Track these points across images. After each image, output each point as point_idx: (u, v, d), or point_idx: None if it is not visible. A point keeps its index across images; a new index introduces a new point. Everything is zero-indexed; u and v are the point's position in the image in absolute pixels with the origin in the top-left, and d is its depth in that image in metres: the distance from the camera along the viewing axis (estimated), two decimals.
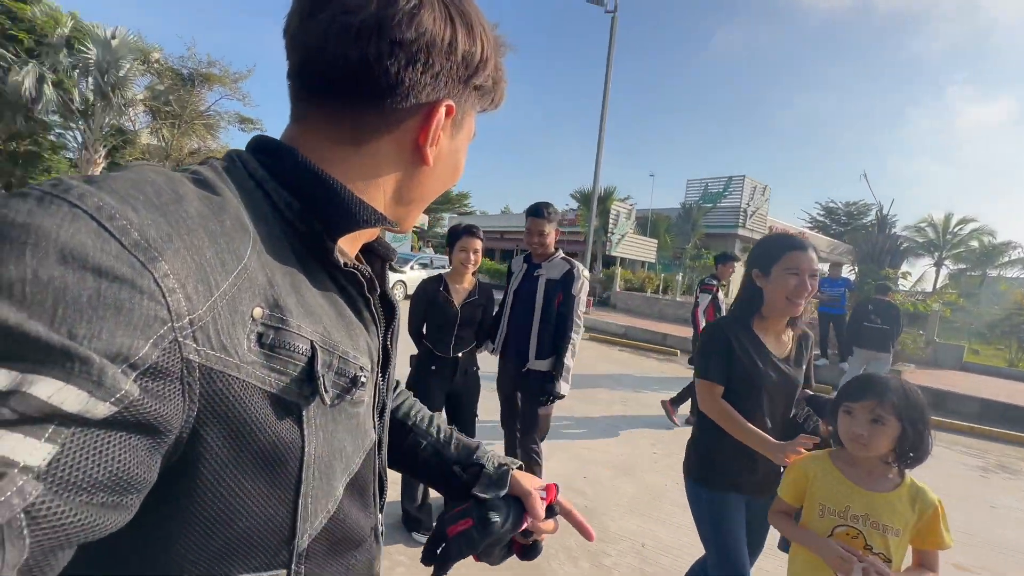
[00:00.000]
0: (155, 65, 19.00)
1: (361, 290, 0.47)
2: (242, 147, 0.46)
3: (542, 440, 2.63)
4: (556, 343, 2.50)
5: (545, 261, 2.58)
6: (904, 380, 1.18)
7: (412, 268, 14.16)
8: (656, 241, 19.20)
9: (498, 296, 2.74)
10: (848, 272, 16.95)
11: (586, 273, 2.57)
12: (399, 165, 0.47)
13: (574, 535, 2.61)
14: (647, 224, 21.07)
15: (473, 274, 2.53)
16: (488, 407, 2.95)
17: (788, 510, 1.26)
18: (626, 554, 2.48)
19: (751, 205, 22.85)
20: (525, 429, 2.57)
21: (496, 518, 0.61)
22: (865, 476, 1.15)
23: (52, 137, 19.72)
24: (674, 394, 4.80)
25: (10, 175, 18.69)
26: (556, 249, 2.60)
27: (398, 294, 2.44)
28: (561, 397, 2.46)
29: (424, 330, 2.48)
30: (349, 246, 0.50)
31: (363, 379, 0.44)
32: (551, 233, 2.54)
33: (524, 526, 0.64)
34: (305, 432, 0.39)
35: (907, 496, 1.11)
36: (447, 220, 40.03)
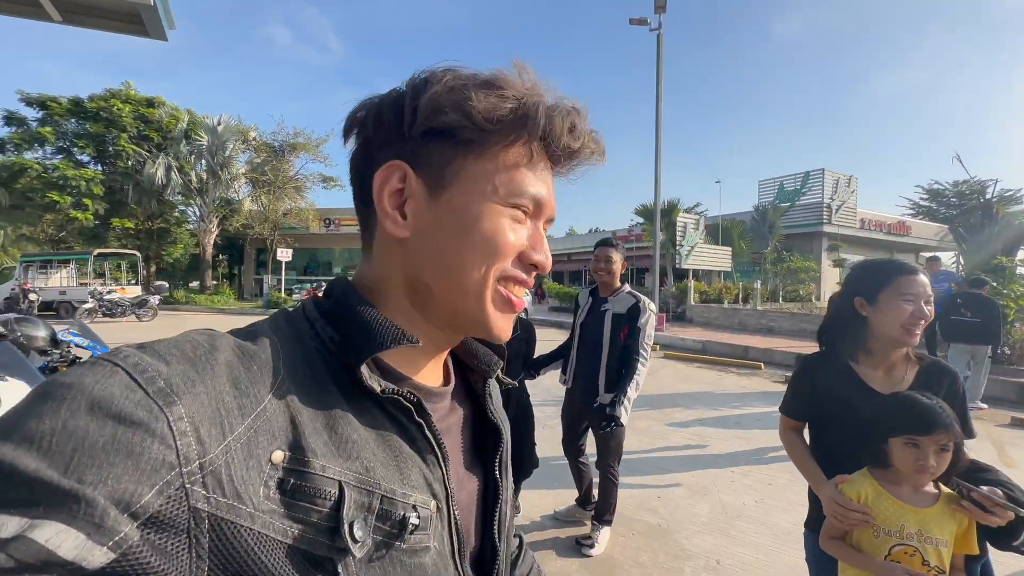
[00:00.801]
0: (252, 142, 22.01)
1: (410, 415, 0.43)
2: (325, 204, 0.57)
3: (618, 463, 2.77)
4: (621, 374, 2.58)
5: (611, 295, 2.68)
6: (944, 404, 1.19)
7: None
8: (730, 249, 18.34)
9: (548, 320, 2.96)
10: (952, 264, 15.09)
11: (652, 307, 2.66)
12: (391, 255, 0.46)
13: (647, 551, 2.72)
14: (718, 232, 20.21)
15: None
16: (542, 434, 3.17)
17: (839, 535, 1.28)
18: (700, 571, 2.55)
19: (835, 199, 21.15)
20: (601, 455, 2.74)
21: None
22: (911, 494, 1.19)
23: (176, 214, 23.21)
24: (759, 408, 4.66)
25: (148, 248, 22.19)
26: (622, 283, 2.73)
27: None
28: (620, 424, 2.52)
29: None
30: (417, 363, 0.47)
31: (415, 520, 0.39)
32: (618, 263, 2.66)
33: None
34: None
35: (947, 507, 1.15)
36: None
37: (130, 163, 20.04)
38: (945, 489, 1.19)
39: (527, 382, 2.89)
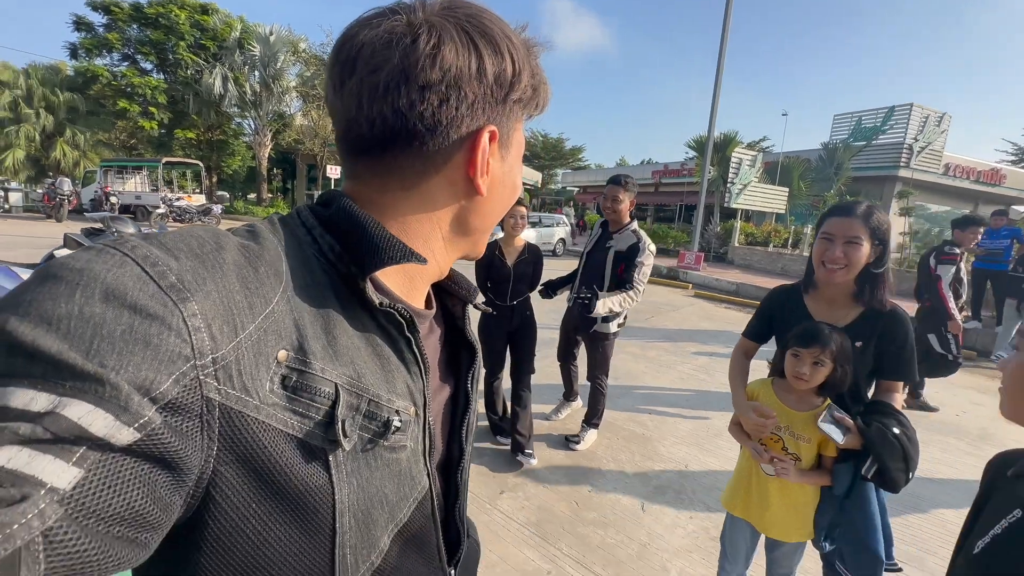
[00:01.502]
0: (302, 54, 21.83)
1: (401, 330, 0.46)
2: None
3: (605, 376, 3.12)
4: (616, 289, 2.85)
5: (617, 232, 2.88)
6: (838, 330, 1.41)
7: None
8: (787, 189, 17.27)
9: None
10: None
11: (652, 247, 2.83)
12: (453, 200, 0.47)
13: (625, 451, 3.11)
14: (776, 170, 18.92)
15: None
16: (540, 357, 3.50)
17: (739, 422, 1.61)
18: (668, 471, 2.93)
19: (920, 139, 19.04)
20: (590, 367, 3.11)
21: None
22: (795, 401, 1.47)
23: (233, 126, 24.01)
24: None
25: (208, 159, 23.35)
26: (631, 219, 2.90)
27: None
28: (589, 312, 2.63)
29: (488, 285, 3.02)
30: (409, 286, 0.50)
31: (397, 423, 0.43)
32: (625, 202, 2.82)
33: None
34: (334, 477, 0.38)
35: (814, 416, 1.40)
36: (560, 176, 39.97)
37: (189, 72, 20.56)
38: (828, 402, 1.44)
39: (541, 302, 3.19)
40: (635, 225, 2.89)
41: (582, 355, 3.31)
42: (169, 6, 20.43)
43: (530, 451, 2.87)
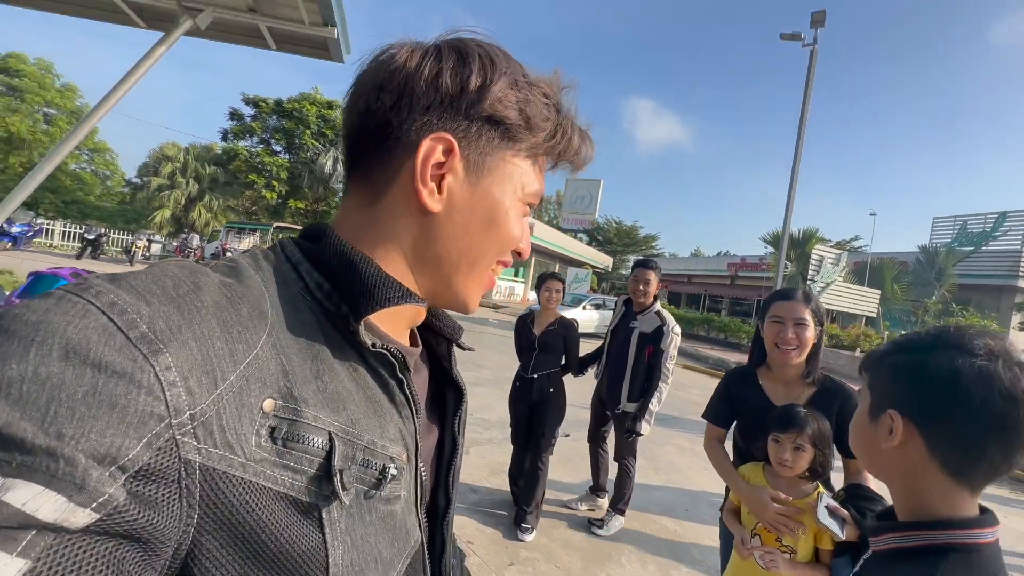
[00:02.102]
0: None
1: (393, 371, 0.43)
2: None
3: (633, 459, 3.02)
4: (644, 389, 2.86)
5: (641, 313, 2.93)
6: (814, 412, 1.38)
7: (585, 308, 14.94)
8: (879, 292, 15.98)
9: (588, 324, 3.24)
10: None
11: (676, 329, 2.85)
12: (410, 217, 0.44)
13: (653, 547, 2.89)
14: (865, 271, 17.69)
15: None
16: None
17: (734, 509, 1.54)
18: (696, 574, 2.67)
19: None
20: (619, 451, 3.04)
21: None
22: (785, 487, 1.40)
23: (337, 199, 27.40)
24: None
25: None
26: (654, 300, 2.97)
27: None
28: (641, 435, 2.84)
29: (519, 354, 3.06)
30: (394, 324, 0.48)
31: (393, 471, 0.40)
32: (654, 284, 2.93)
33: None
34: (328, 537, 0.35)
35: (808, 506, 1.32)
36: (632, 262, 39.98)
37: (309, 154, 24.30)
38: (821, 489, 1.39)
39: (574, 380, 3.19)
40: (658, 306, 2.95)
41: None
42: (303, 102, 24.74)
43: (528, 526, 2.78)
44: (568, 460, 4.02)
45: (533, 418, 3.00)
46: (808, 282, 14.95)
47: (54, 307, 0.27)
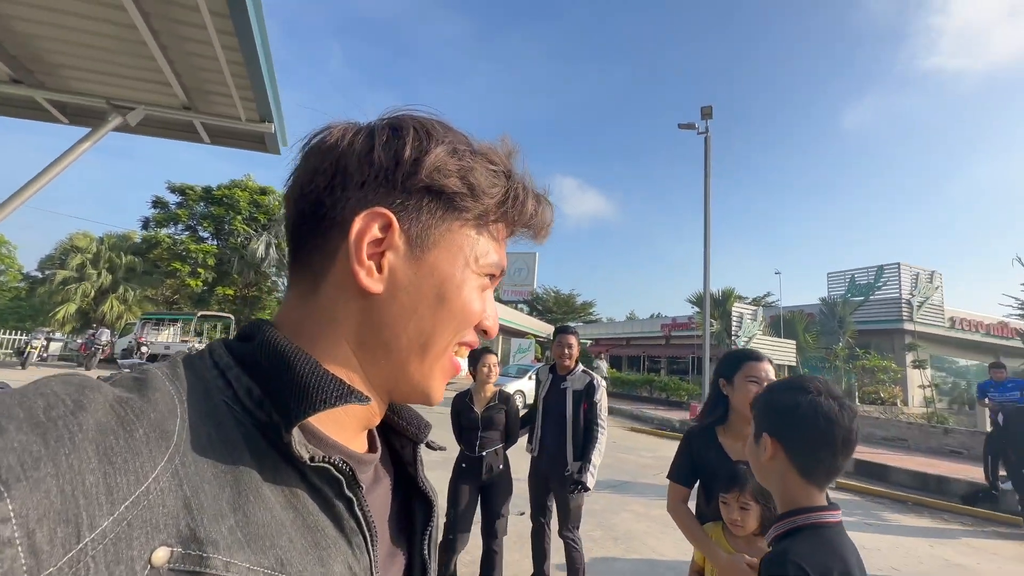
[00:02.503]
0: None
1: (339, 490, 0.36)
2: None
3: (576, 528, 2.93)
4: (585, 444, 2.90)
5: (569, 374, 3.05)
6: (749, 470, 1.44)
7: (530, 378, 14.93)
8: (794, 342, 17.43)
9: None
10: None
11: (603, 383, 3.04)
12: (350, 304, 0.40)
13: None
14: (779, 324, 19.35)
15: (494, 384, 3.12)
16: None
17: (699, 569, 1.58)
18: None
19: (916, 295, 19.70)
20: (563, 520, 2.92)
21: None
22: (744, 546, 1.45)
23: (268, 283, 26.35)
24: None
25: (240, 313, 25.05)
26: (577, 363, 3.13)
27: (518, 402, 3.12)
28: (587, 489, 2.80)
29: (460, 435, 2.99)
30: (343, 428, 0.41)
31: None
32: (576, 347, 3.11)
33: None
34: None
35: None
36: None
37: (239, 240, 23.56)
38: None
39: (519, 454, 3.15)
40: (582, 367, 3.12)
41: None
42: (234, 189, 24.39)
43: None
44: (524, 540, 3.87)
45: (484, 501, 2.92)
46: (732, 337, 16.06)
47: None
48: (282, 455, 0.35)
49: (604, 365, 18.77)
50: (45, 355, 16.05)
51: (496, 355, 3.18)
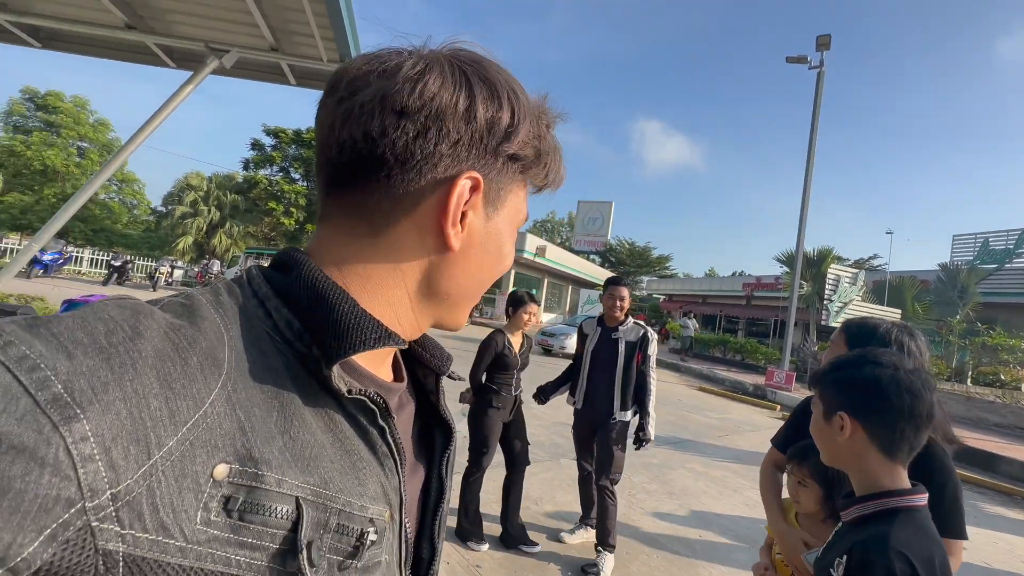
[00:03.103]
0: None
1: (373, 419, 0.39)
2: None
3: (616, 478, 2.91)
4: (639, 396, 2.94)
5: (620, 325, 3.03)
6: None
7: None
8: (899, 311, 15.64)
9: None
10: None
11: (654, 335, 3.04)
12: (422, 253, 0.41)
13: (665, 573, 2.83)
14: (884, 289, 17.36)
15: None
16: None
17: (770, 542, 1.53)
18: None
19: None
20: (603, 468, 2.89)
21: None
22: (809, 527, 1.32)
23: None
24: None
25: None
26: (626, 316, 3.08)
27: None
28: (651, 440, 2.88)
29: (485, 375, 3.04)
30: (375, 359, 0.44)
31: (372, 536, 0.36)
32: (628, 299, 3.05)
33: None
34: None
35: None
36: (645, 283, 39.88)
37: None
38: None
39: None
40: (633, 319, 3.05)
41: None
42: None
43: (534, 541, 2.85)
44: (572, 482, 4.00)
45: (509, 436, 3.09)
46: (824, 302, 14.72)
47: None
48: (320, 384, 0.37)
49: (693, 324, 18.03)
50: (170, 280, 18.52)
51: (539, 304, 3.19)
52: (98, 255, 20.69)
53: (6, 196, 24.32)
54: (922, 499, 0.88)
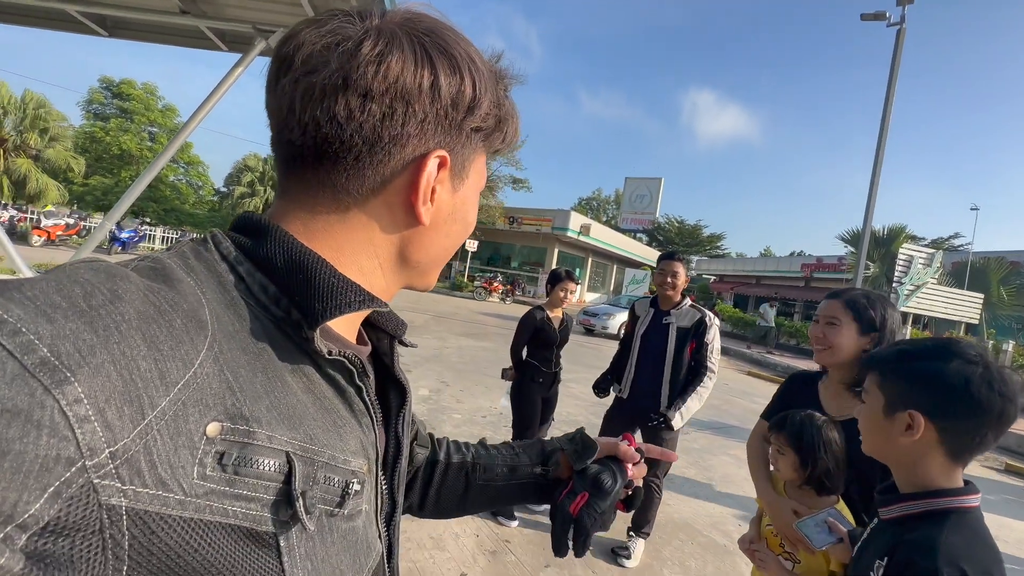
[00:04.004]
0: None
1: (351, 378, 0.41)
2: (511, 203, 0.68)
3: (664, 475, 2.80)
4: (685, 385, 2.60)
5: (674, 308, 2.68)
6: (816, 416, 1.26)
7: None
8: (981, 296, 14.24)
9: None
10: None
11: (717, 321, 2.65)
12: (392, 229, 0.42)
13: (699, 559, 2.78)
14: (965, 272, 15.84)
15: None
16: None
17: (761, 515, 1.50)
18: None
19: None
20: (650, 465, 2.66)
21: (607, 479, 0.61)
22: (798, 497, 1.32)
23: None
24: None
25: None
26: (683, 297, 2.73)
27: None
28: (668, 424, 2.53)
29: (525, 351, 3.06)
30: (345, 324, 0.45)
31: (356, 486, 0.38)
32: (683, 276, 2.67)
33: (629, 475, 0.64)
34: (286, 565, 0.32)
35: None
36: (695, 263, 38.49)
37: None
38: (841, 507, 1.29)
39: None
40: (691, 300, 2.74)
41: None
42: None
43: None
44: None
45: (547, 412, 3.17)
46: (894, 284, 13.62)
47: None
48: (297, 347, 0.38)
49: (772, 312, 16.04)
50: None
51: (576, 283, 3.16)
52: (169, 233, 22.33)
53: (90, 179, 26.52)
54: (975, 499, 0.80)
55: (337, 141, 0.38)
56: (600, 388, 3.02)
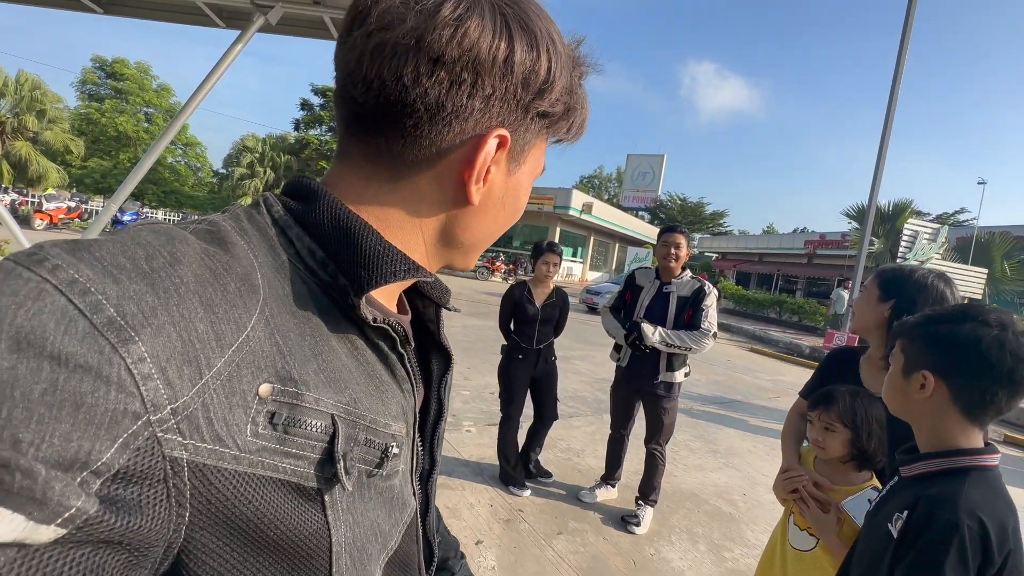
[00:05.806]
0: None
1: (394, 345, 0.42)
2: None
3: (666, 443, 2.87)
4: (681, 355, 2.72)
5: (675, 278, 2.77)
6: (861, 391, 1.28)
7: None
8: (986, 271, 14.19)
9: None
10: None
11: (715, 291, 2.73)
12: (440, 205, 0.42)
13: (705, 527, 2.86)
14: (970, 247, 15.75)
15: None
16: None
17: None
18: (747, 556, 2.62)
19: None
20: (653, 435, 2.84)
21: None
22: (829, 472, 1.34)
23: None
24: None
25: None
26: (684, 268, 2.82)
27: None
28: (639, 336, 2.60)
29: (512, 326, 3.05)
30: (385, 293, 0.45)
31: (395, 449, 0.40)
32: (685, 249, 2.73)
33: None
34: (331, 519, 0.34)
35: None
36: (697, 240, 38.33)
37: None
38: (874, 482, 1.32)
39: (565, 348, 3.25)
40: (691, 272, 2.81)
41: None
42: None
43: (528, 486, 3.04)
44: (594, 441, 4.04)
45: (535, 390, 3.12)
46: (898, 260, 13.57)
47: (2, 283, 0.23)
48: (342, 312, 0.39)
49: (845, 295, 13.32)
50: None
51: (560, 255, 3.04)
52: (169, 215, 22.29)
53: (88, 162, 26.33)
54: (995, 458, 0.84)
55: (400, 104, 0.36)
56: (626, 339, 2.76)
